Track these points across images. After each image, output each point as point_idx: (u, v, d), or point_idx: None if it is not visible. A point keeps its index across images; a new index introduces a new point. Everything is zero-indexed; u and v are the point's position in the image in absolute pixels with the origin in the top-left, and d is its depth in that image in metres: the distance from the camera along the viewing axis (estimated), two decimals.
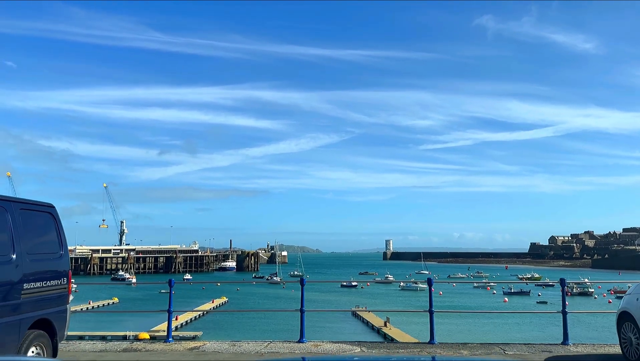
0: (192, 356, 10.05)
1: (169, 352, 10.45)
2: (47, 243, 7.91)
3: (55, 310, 7.84)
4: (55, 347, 7.92)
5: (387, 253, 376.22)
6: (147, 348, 11.01)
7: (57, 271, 7.99)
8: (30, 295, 7.21)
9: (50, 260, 7.87)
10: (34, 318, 7.30)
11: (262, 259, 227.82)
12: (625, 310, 9.38)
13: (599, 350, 10.70)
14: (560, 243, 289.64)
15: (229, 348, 10.89)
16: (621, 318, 9.52)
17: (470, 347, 10.91)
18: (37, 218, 7.79)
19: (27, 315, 7.13)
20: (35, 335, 7.34)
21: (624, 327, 9.35)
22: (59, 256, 8.13)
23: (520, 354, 10.14)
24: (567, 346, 11.07)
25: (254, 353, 10.25)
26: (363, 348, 11.02)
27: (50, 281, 7.74)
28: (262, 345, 11.10)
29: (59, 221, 8.33)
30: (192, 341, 11.87)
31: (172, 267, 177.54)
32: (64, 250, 8.30)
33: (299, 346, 10.96)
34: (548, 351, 10.42)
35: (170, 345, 11.28)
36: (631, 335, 9.08)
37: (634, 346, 8.97)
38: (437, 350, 10.57)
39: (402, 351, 10.60)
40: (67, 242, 8.44)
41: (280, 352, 10.36)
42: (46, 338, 7.63)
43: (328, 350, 10.68)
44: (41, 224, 7.88)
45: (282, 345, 11.14)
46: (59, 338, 7.97)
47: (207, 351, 10.55)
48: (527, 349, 10.67)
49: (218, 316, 66.01)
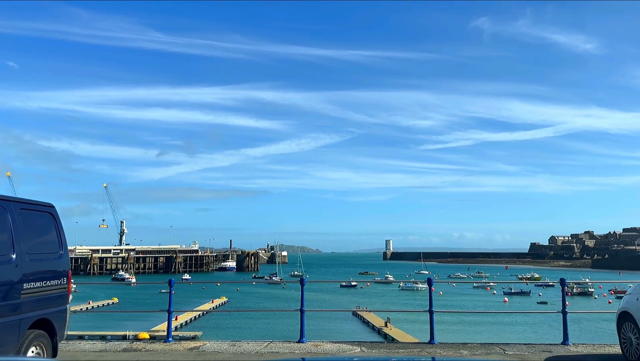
0: (192, 356, 10.04)
1: (169, 352, 10.44)
2: (47, 242, 7.90)
3: (55, 309, 7.83)
4: (55, 347, 7.91)
5: (387, 253, 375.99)
6: (147, 348, 11.00)
7: (57, 271, 7.98)
8: (30, 295, 7.21)
9: (50, 260, 7.87)
10: (34, 318, 7.30)
11: (262, 259, 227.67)
12: (625, 310, 9.37)
13: (599, 350, 10.70)
14: (561, 243, 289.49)
15: (228, 348, 10.88)
16: (621, 318, 9.52)
17: (470, 347, 10.91)
18: (37, 217, 7.78)
19: (27, 314, 7.13)
20: (35, 334, 7.34)
21: (624, 327, 9.35)
22: (59, 256, 8.13)
23: (520, 354, 10.14)
24: (567, 346, 11.07)
25: (254, 353, 10.24)
26: (363, 348, 11.01)
27: (50, 281, 7.73)
28: (262, 345, 11.09)
29: (58, 221, 8.33)
30: (192, 341, 11.86)
31: (172, 267, 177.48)
32: (64, 250, 8.30)
33: (299, 346, 10.96)
34: (548, 351, 10.41)
35: (170, 345, 11.27)
36: (631, 335, 9.07)
37: (634, 346, 8.97)
38: (437, 350, 10.57)
39: (402, 351, 10.59)
40: (67, 242, 8.43)
41: (280, 352, 10.35)
42: (46, 338, 7.63)
43: (328, 350, 10.67)
44: (41, 224, 7.87)
45: (282, 345, 11.13)
46: (59, 337, 7.97)
47: (207, 351, 10.55)
48: (527, 349, 10.66)
49: (218, 316, 66.01)
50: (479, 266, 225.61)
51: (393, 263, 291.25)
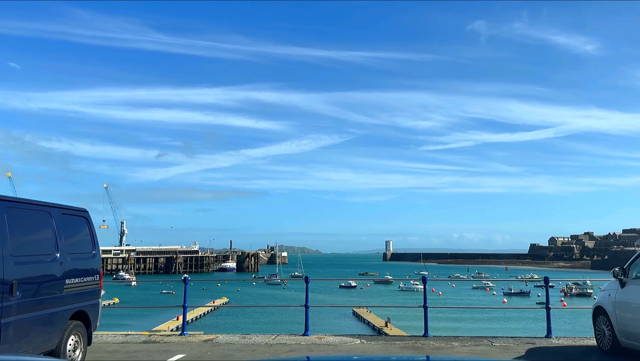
0: (208, 346, 11.03)
1: (186, 343, 11.45)
2: (82, 243, 8.91)
3: (90, 303, 8.85)
4: (90, 336, 8.93)
5: (387, 254, 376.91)
6: (165, 340, 12.01)
7: (91, 268, 9.00)
8: (71, 289, 8.21)
9: (86, 259, 8.87)
10: (74, 309, 8.30)
11: (262, 260, 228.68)
12: (599, 305, 10.37)
13: (578, 342, 11.70)
14: (560, 244, 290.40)
15: (240, 340, 11.88)
16: (596, 313, 10.51)
17: (461, 340, 11.91)
18: (74, 221, 8.79)
19: (68, 306, 8.13)
20: (75, 324, 8.35)
21: (598, 320, 10.34)
22: (93, 255, 9.14)
23: (505, 346, 11.13)
24: (550, 339, 12.06)
25: (264, 344, 11.25)
26: (363, 340, 12.01)
27: (86, 277, 8.74)
28: (270, 337, 12.10)
29: (91, 224, 9.34)
30: (206, 335, 12.86)
31: (172, 268, 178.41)
32: (97, 250, 9.31)
33: (304, 339, 11.96)
34: (531, 343, 11.41)
35: (186, 338, 12.28)
36: (604, 327, 10.07)
37: (607, 337, 9.96)
38: (431, 342, 11.56)
39: (398, 343, 11.58)
40: (99, 242, 9.45)
41: (288, 343, 11.35)
42: (82, 328, 8.63)
43: (331, 341, 11.66)
44: (78, 227, 8.87)
45: (288, 338, 12.14)
46: (92, 328, 8.99)
47: (220, 342, 11.55)
48: (513, 341, 11.65)
49: (221, 315, 66.97)
50: (479, 267, 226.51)
51: (393, 264, 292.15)
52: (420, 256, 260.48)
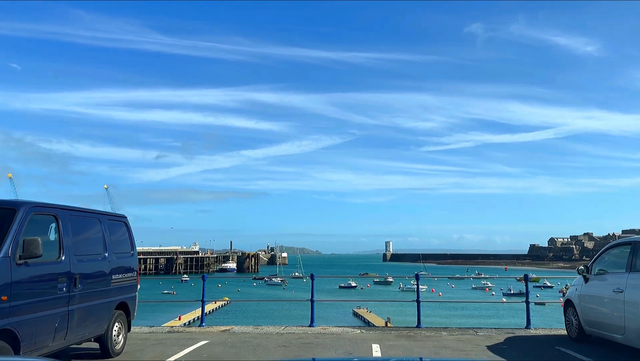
0: (226, 335, 12.54)
1: (207, 333, 12.96)
2: (123, 244, 10.41)
3: (129, 295, 10.36)
4: (129, 324, 10.46)
5: (387, 255, 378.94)
6: (186, 331, 13.55)
7: (130, 266, 10.50)
8: (116, 283, 9.72)
9: (126, 258, 10.38)
10: (118, 301, 9.82)
11: (262, 260, 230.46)
12: (568, 298, 11.89)
13: (553, 332, 13.23)
14: (560, 245, 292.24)
15: (253, 330, 13.40)
16: (566, 305, 12.03)
17: (450, 330, 13.44)
18: (117, 225, 10.30)
19: (114, 298, 9.65)
20: (118, 314, 9.87)
21: (568, 312, 11.87)
22: (131, 255, 10.65)
23: (488, 335, 12.63)
24: (529, 329, 13.59)
25: (275, 334, 12.76)
26: (362, 330, 13.54)
27: (127, 273, 10.25)
28: (280, 328, 13.63)
29: (130, 228, 10.85)
30: (222, 326, 14.37)
31: (172, 268, 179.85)
32: (134, 250, 10.82)
33: (310, 329, 13.48)
34: (511, 333, 12.93)
35: (205, 328, 13.82)
36: (572, 318, 11.59)
37: (574, 327, 11.48)
38: (423, 332, 13.06)
39: (394, 332, 13.09)
40: (136, 244, 10.96)
41: (296, 333, 12.86)
42: (124, 316, 10.16)
43: (334, 331, 13.17)
44: (119, 230, 10.38)
45: (296, 328, 13.66)
46: (131, 317, 10.51)
47: (236, 332, 13.07)
48: (495, 332, 13.17)
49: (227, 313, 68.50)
50: (479, 267, 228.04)
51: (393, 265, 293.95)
52: (420, 256, 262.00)
